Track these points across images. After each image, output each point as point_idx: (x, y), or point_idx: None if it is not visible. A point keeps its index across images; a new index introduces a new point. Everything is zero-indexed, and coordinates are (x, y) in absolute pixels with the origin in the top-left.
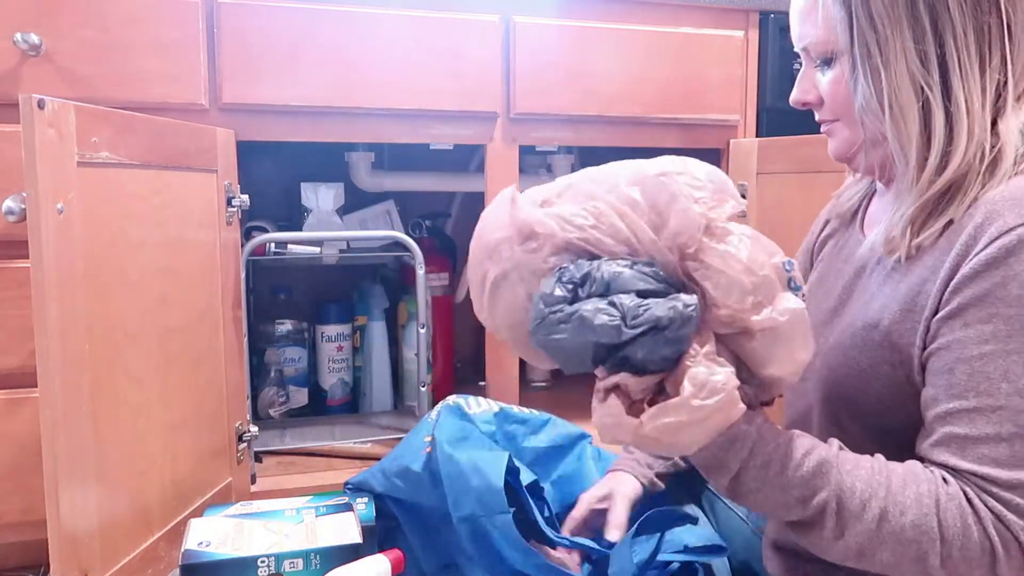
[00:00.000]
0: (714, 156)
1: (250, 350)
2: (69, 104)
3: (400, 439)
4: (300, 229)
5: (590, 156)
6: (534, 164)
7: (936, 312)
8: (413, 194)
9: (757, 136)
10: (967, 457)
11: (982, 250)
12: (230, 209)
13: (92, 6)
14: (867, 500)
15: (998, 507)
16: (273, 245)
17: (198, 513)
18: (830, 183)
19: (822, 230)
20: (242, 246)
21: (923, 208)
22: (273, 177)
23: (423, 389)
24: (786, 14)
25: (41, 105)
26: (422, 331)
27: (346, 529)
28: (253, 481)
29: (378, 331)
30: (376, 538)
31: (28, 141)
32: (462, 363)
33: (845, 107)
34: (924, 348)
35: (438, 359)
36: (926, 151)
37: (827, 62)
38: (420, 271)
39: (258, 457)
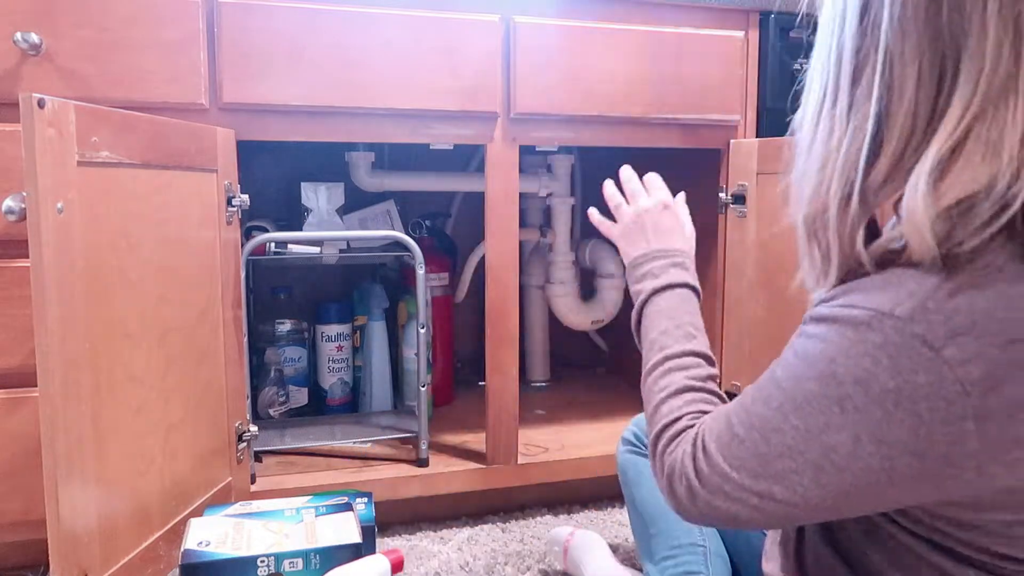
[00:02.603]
0: (714, 156)
1: (250, 350)
2: (69, 104)
3: (400, 439)
4: (300, 229)
5: (590, 156)
6: (534, 164)
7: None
8: (413, 194)
9: (757, 136)
10: (713, 417)
11: (837, 297)
12: (230, 209)
13: (92, 6)
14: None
15: (688, 454)
16: (273, 245)
17: (198, 513)
18: None
19: None
20: (242, 246)
21: None
22: (273, 177)
23: (423, 389)
24: (786, 14)
25: (41, 104)
26: (422, 331)
27: (346, 529)
28: (253, 481)
29: (378, 331)
30: (375, 538)
31: (28, 140)
32: (462, 363)
33: None
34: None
35: (438, 359)
36: None
37: None
38: (420, 271)
39: (258, 457)
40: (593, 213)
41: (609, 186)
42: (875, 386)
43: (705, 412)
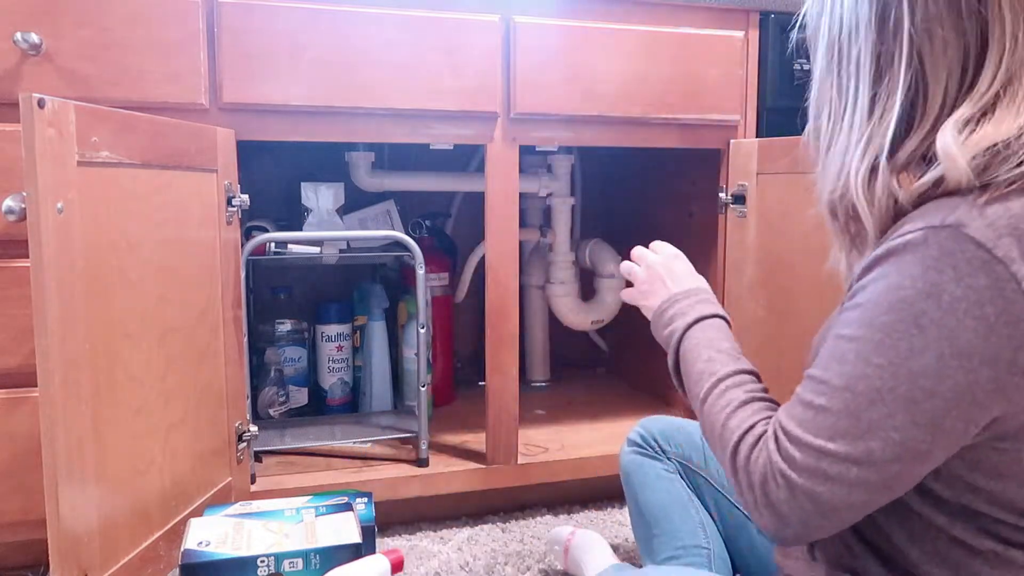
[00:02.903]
0: (714, 156)
1: (250, 350)
2: (69, 104)
3: (400, 439)
4: (300, 229)
5: (590, 156)
6: (534, 164)
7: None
8: (413, 194)
9: (757, 136)
10: (786, 408)
11: (886, 241)
12: (230, 209)
13: (92, 6)
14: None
15: (775, 451)
16: (273, 245)
17: (198, 513)
18: None
19: None
20: (242, 246)
21: None
22: (273, 177)
23: (423, 389)
24: (786, 14)
25: (41, 104)
26: (422, 331)
27: (346, 529)
28: (253, 481)
29: (378, 331)
30: (375, 538)
31: (28, 140)
32: (462, 363)
33: None
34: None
35: (438, 359)
36: None
37: None
38: (420, 271)
39: (258, 457)
40: (623, 293)
41: (625, 265)
42: (945, 296)
43: (767, 412)
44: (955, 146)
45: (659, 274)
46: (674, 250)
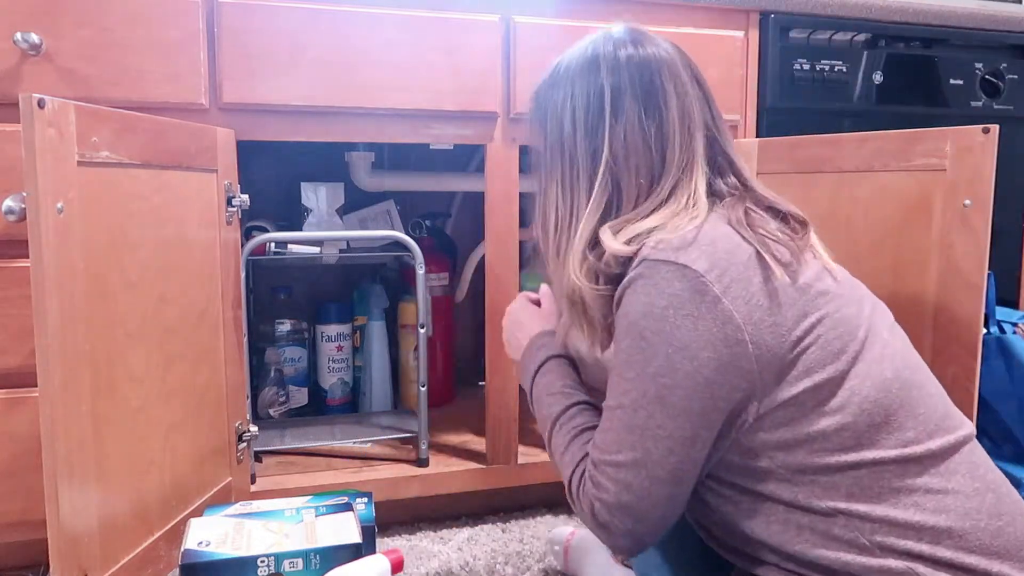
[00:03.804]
0: None
1: (250, 350)
2: (69, 104)
3: (400, 439)
4: (300, 229)
5: None
6: None
7: None
8: (413, 194)
9: (757, 136)
10: (592, 443)
11: (616, 291)
12: (230, 209)
13: (92, 6)
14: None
15: (589, 477)
16: (273, 245)
17: (198, 513)
18: (830, 183)
19: None
20: (242, 246)
21: None
22: (273, 177)
23: (423, 389)
24: (786, 14)
25: (41, 104)
26: (422, 331)
27: (346, 529)
28: (253, 481)
29: (378, 331)
30: (375, 538)
31: (28, 141)
32: (462, 363)
33: None
34: None
35: (438, 359)
36: None
37: None
38: (420, 271)
39: (258, 457)
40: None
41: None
42: (655, 310)
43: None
44: (612, 240)
45: (511, 330)
46: (521, 298)
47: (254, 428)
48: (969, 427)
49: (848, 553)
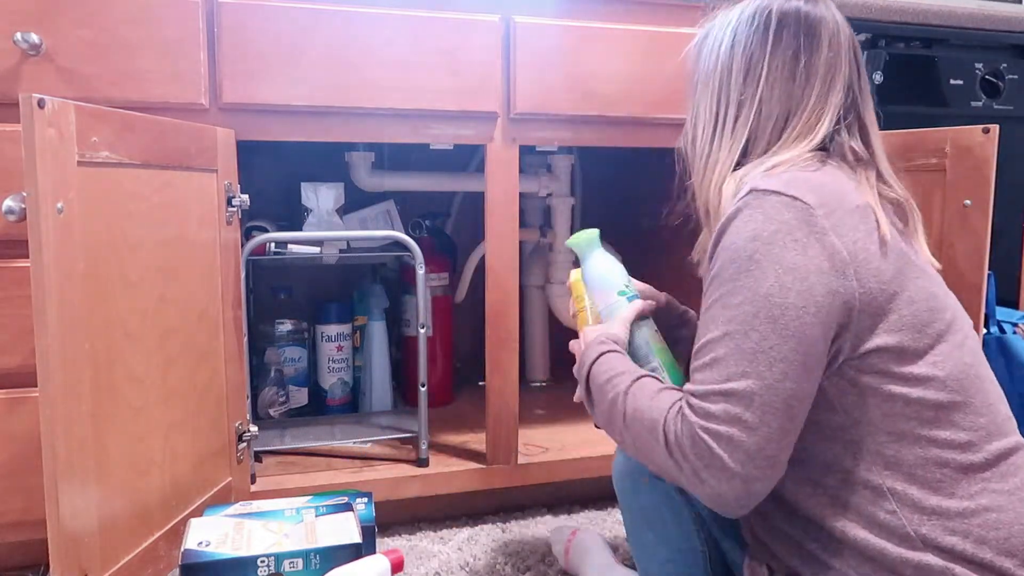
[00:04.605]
0: None
1: (250, 350)
2: (69, 104)
3: (400, 439)
4: (300, 229)
5: (590, 156)
6: (534, 164)
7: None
8: (413, 194)
9: None
10: (690, 382)
11: (716, 227)
12: (230, 209)
13: (92, 6)
14: (616, 394)
15: (690, 414)
16: (273, 245)
17: (198, 513)
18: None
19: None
20: (242, 246)
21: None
22: (273, 177)
23: (423, 389)
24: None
25: (41, 104)
26: (422, 331)
27: (346, 529)
28: (253, 481)
29: (378, 331)
30: (375, 538)
31: (28, 141)
32: (462, 363)
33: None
34: None
35: (438, 359)
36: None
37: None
38: (420, 271)
39: (258, 457)
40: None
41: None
42: (764, 234)
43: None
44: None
45: (584, 339)
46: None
47: (254, 428)
48: (1020, 437)
49: (888, 542)
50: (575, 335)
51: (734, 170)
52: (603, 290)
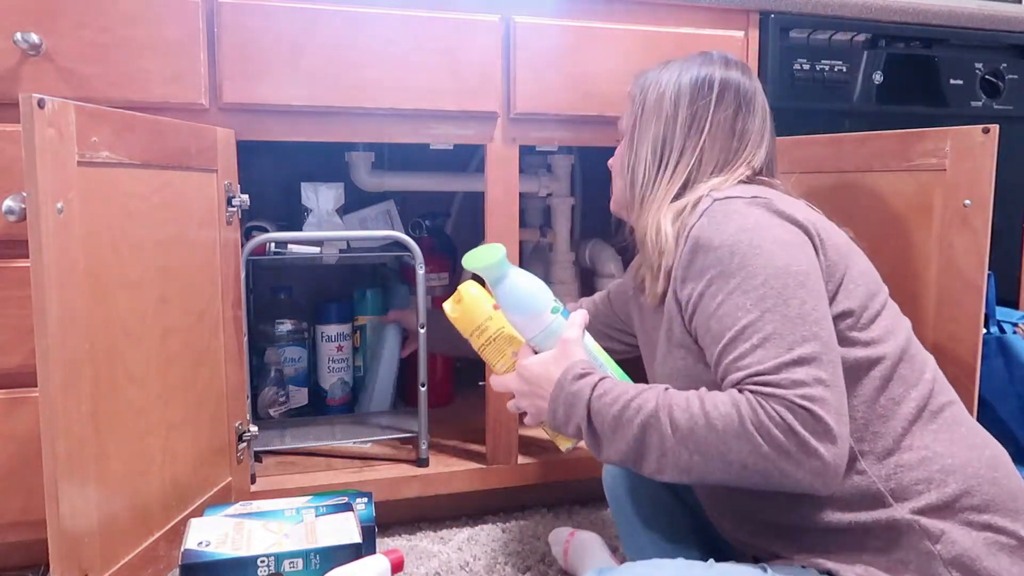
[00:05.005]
0: None
1: (250, 350)
2: (69, 104)
3: (400, 439)
4: (300, 229)
5: (590, 156)
6: (534, 164)
7: (681, 304)
8: (413, 194)
9: None
10: (741, 371)
11: (682, 247)
12: (230, 209)
13: (92, 6)
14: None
15: (773, 391)
16: (273, 245)
17: (198, 513)
18: (830, 183)
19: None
20: (242, 246)
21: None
22: (273, 177)
23: (423, 389)
24: (786, 14)
25: (41, 104)
26: (422, 331)
27: (346, 529)
28: (253, 481)
29: (391, 331)
30: (375, 538)
31: (28, 141)
32: (462, 363)
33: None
34: (693, 334)
35: (438, 359)
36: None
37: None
38: (420, 271)
39: (258, 457)
40: (509, 405)
41: (495, 381)
42: (750, 219)
43: (721, 395)
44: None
45: (531, 390)
46: (524, 350)
47: (254, 428)
48: (955, 394)
49: (861, 506)
50: None
51: (672, 202)
52: (533, 313)
